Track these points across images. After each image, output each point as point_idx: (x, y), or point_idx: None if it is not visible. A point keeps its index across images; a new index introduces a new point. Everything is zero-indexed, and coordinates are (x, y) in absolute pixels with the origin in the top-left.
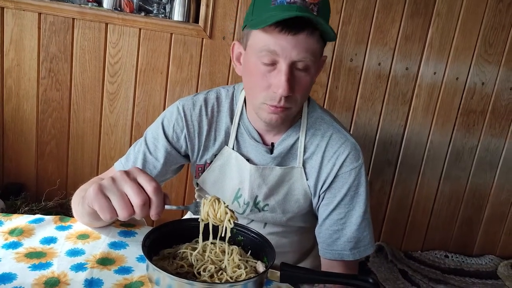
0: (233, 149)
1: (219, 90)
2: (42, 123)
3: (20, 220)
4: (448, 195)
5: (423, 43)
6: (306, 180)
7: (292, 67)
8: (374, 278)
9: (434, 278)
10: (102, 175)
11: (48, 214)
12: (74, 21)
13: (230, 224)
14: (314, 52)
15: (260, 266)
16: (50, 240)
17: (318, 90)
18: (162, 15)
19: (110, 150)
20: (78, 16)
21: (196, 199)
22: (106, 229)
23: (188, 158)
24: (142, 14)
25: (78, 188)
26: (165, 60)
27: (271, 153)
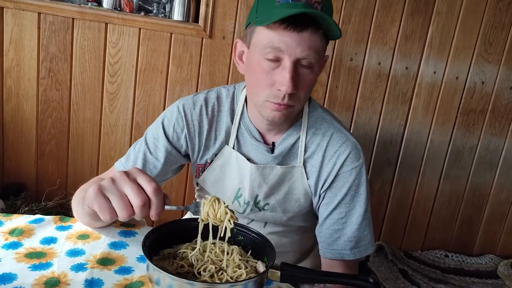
0: (233, 148)
1: (220, 90)
2: (42, 123)
3: (20, 220)
4: (448, 195)
5: (423, 42)
6: (307, 179)
7: (296, 65)
8: (374, 278)
9: (434, 278)
10: (102, 175)
11: (48, 214)
12: (74, 21)
13: (230, 224)
14: (318, 50)
15: (260, 266)
16: (50, 240)
17: (318, 89)
18: (162, 15)
19: (110, 150)
20: (77, 16)
21: (196, 199)
22: (106, 229)
23: (188, 157)
24: (142, 13)
25: (78, 188)
26: (165, 59)
27: (272, 152)
